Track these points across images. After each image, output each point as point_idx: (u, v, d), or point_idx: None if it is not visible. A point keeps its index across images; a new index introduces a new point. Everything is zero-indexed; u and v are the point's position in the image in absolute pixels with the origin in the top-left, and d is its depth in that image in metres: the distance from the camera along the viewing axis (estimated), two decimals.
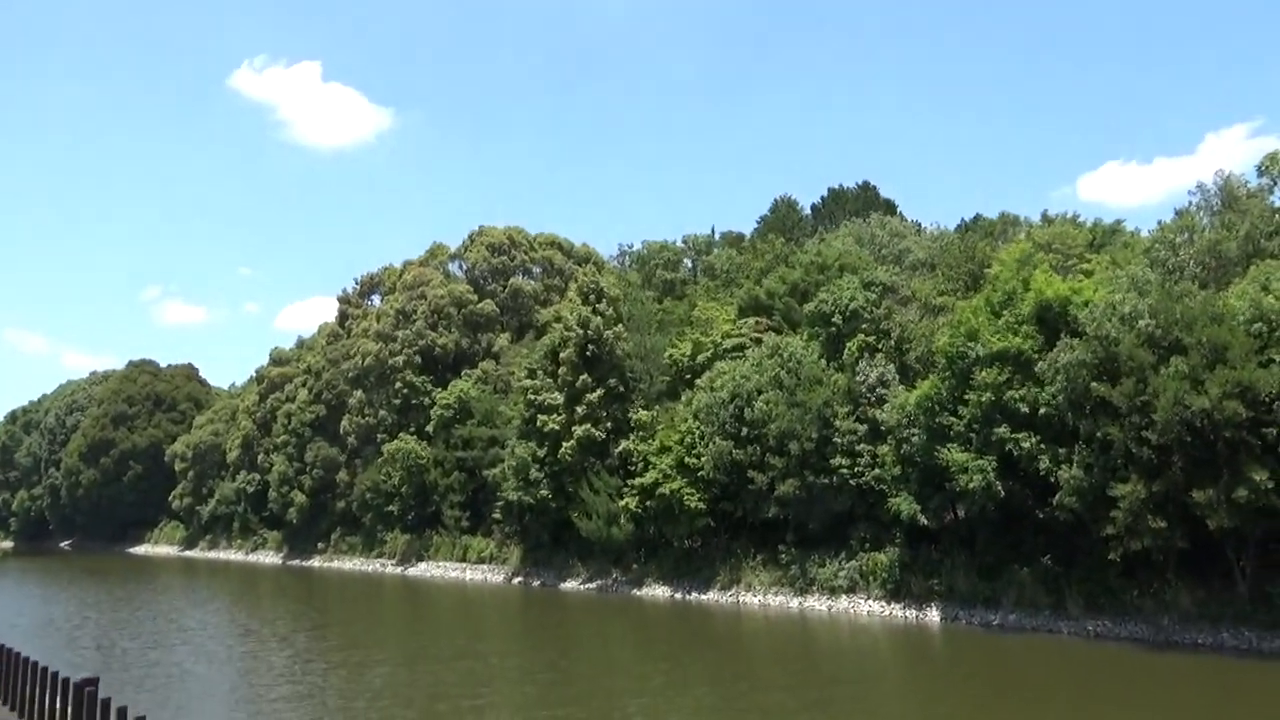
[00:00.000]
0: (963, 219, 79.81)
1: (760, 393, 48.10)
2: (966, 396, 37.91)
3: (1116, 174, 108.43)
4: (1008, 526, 40.56)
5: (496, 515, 64.82)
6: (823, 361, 48.67)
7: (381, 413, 76.97)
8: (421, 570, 68.55)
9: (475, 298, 79.36)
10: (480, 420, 69.02)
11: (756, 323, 54.88)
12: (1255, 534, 32.98)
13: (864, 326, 48.59)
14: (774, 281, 56.82)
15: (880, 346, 47.60)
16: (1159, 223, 41.94)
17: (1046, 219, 62.56)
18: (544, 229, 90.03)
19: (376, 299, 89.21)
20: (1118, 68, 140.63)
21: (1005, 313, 38.36)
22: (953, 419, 38.92)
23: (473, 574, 64.58)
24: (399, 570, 71.28)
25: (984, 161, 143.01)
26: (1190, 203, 40.54)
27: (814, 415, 45.88)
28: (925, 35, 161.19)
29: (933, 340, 44.16)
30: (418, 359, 75.84)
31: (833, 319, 49.88)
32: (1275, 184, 37.84)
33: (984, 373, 37.18)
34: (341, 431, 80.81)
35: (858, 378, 46.45)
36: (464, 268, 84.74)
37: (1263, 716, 25.40)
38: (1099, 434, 33.68)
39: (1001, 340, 37.24)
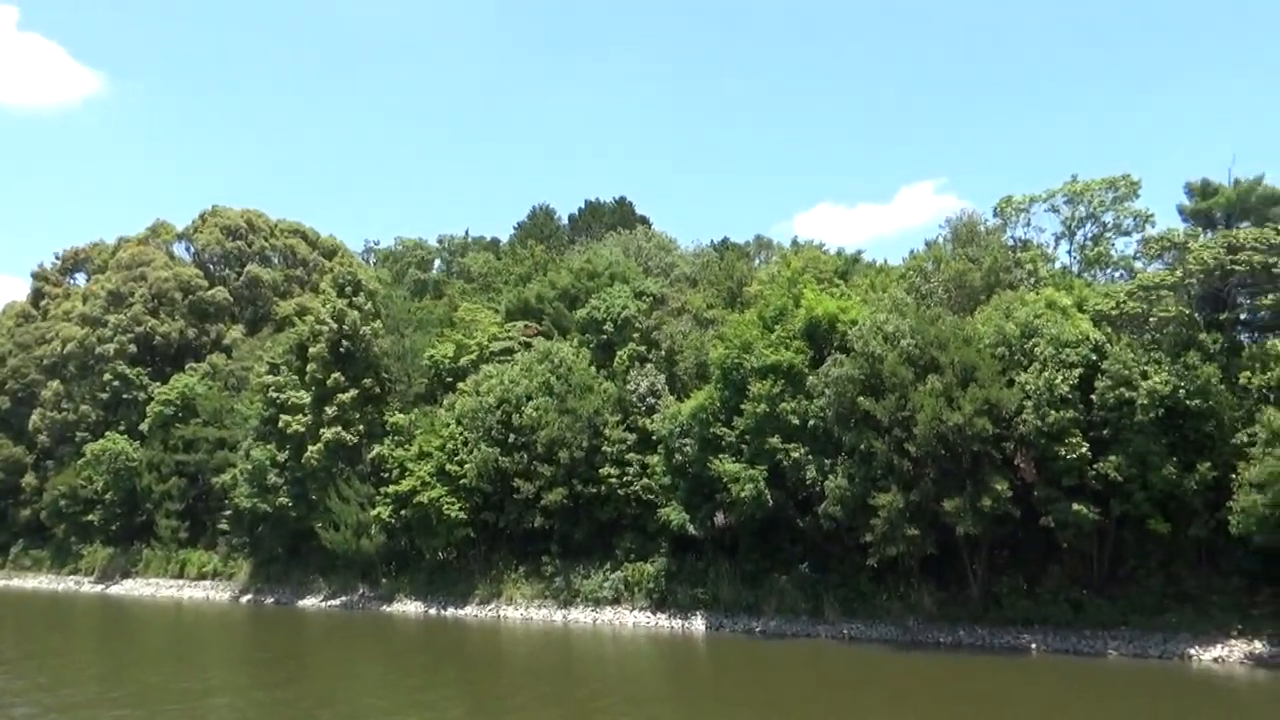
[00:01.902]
0: (711, 240, 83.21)
1: (530, 398, 46.62)
2: (741, 407, 38.60)
3: (827, 214, 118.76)
4: (768, 535, 41.81)
5: (223, 526, 58.40)
6: (593, 369, 48.07)
7: (84, 407, 67.12)
8: (127, 588, 60.23)
9: (205, 283, 71.51)
10: (207, 420, 61.99)
11: (526, 327, 53.34)
12: (987, 540, 36.04)
13: (635, 336, 48.56)
14: (543, 286, 55.58)
15: (651, 356, 47.69)
16: (911, 251, 45.67)
17: (796, 245, 65.97)
18: (284, 217, 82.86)
19: (81, 278, 78.11)
20: (831, 115, 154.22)
21: (777, 328, 39.54)
22: (725, 430, 39.52)
23: (192, 592, 57.58)
24: (98, 589, 62.25)
25: (718, 189, 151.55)
26: (939, 235, 44.44)
27: (584, 423, 45.08)
28: (676, 63, 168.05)
29: (703, 352, 44.78)
30: (132, 348, 66.93)
31: (604, 326, 49.47)
32: (1007, 224, 42.31)
33: (758, 385, 38.05)
34: (30, 428, 69.67)
35: (628, 386, 46.23)
36: (192, 250, 76.18)
37: (992, 706, 27.34)
38: (863, 446, 35.40)
39: (775, 354, 38.33)
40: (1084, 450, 32.18)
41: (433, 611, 47.78)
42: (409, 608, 48.76)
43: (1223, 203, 35.05)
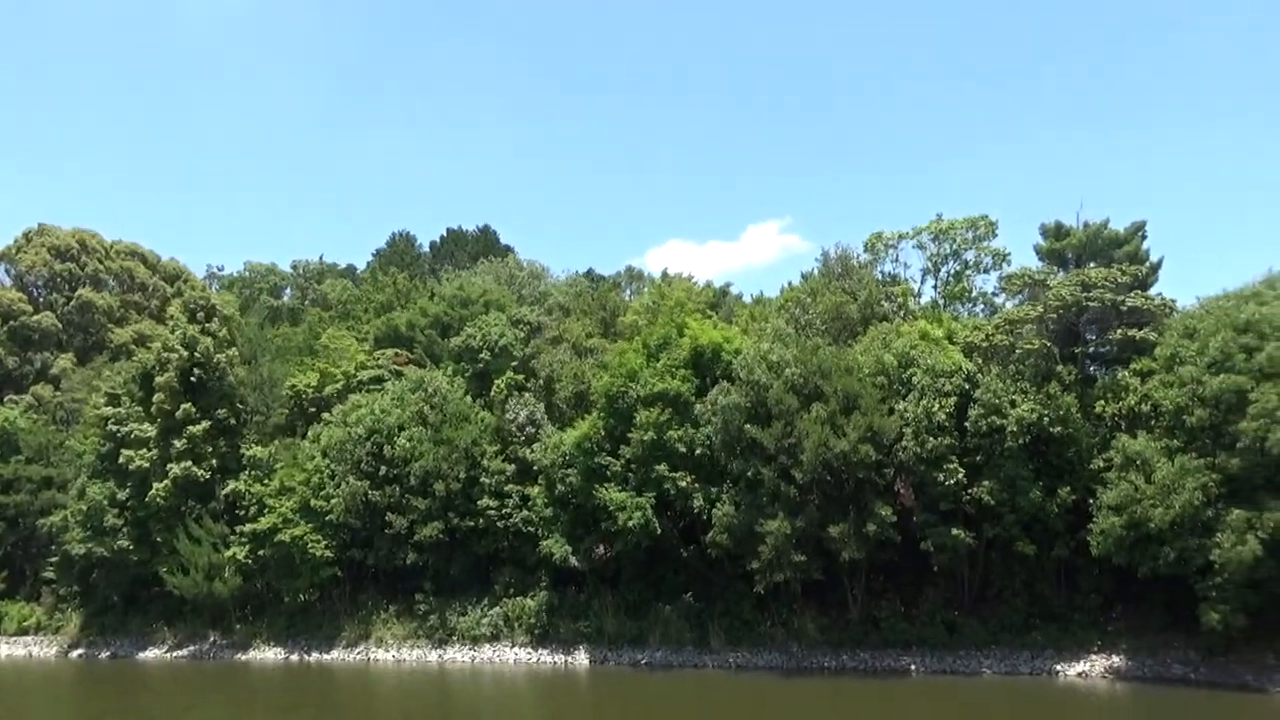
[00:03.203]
0: (576, 270, 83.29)
1: (402, 429, 44.75)
2: (628, 435, 38.31)
3: (678, 250, 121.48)
4: (652, 565, 41.52)
5: (49, 574, 52.85)
6: (469, 398, 46.71)
7: None
8: None
9: (29, 308, 65.37)
10: (30, 457, 56.24)
11: (396, 354, 51.36)
12: (866, 565, 37.01)
13: (512, 364, 47.62)
14: (414, 313, 53.80)
15: (529, 385, 46.87)
16: (789, 283, 46.88)
17: (666, 277, 66.73)
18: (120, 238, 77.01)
19: None
20: (680, 154, 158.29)
21: (663, 356, 39.61)
22: (610, 459, 39.11)
23: (9, 649, 51.72)
24: None
25: (575, 223, 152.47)
26: (814, 269, 45.83)
27: (461, 454, 43.60)
28: (533, 95, 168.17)
29: (583, 381, 44.33)
30: None
31: (480, 355, 48.26)
32: (877, 259, 44.18)
33: (645, 413, 37.90)
34: None
35: (507, 416, 45.17)
36: (14, 273, 69.57)
37: None
38: (750, 473, 35.76)
39: (661, 382, 38.33)
40: (960, 476, 33.63)
41: (294, 657, 44.74)
42: (267, 654, 45.46)
43: (1074, 244, 37.79)
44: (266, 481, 46.62)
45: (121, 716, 33.67)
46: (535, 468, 43.02)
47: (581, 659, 40.04)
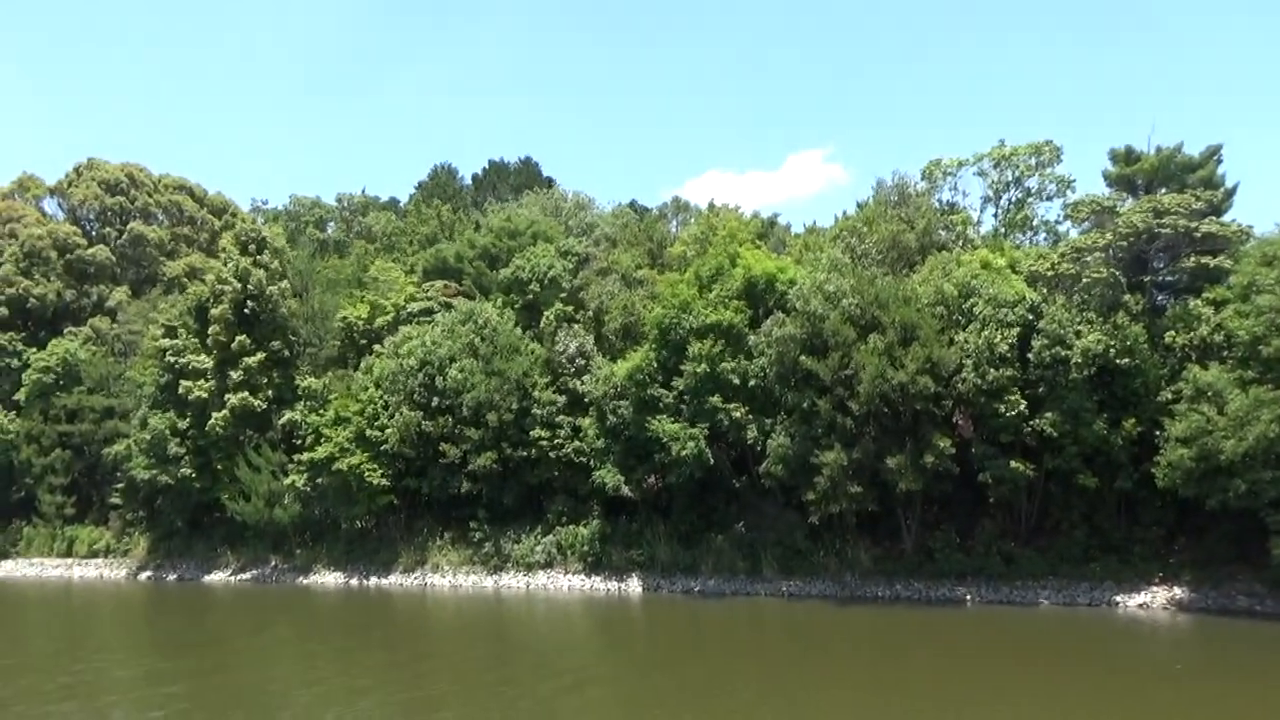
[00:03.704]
0: (620, 202, 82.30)
1: (453, 360, 44.96)
2: (681, 367, 38.13)
3: (717, 181, 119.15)
4: (703, 496, 41.76)
5: (115, 500, 54.55)
6: (519, 330, 46.72)
7: None
8: (7, 570, 55.75)
9: (83, 242, 66.18)
10: (92, 387, 57.67)
11: (445, 287, 51.38)
12: (921, 496, 36.79)
13: (561, 296, 47.41)
14: (463, 245, 53.61)
15: (578, 317, 46.69)
16: (843, 212, 45.89)
17: (713, 208, 65.64)
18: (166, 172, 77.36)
19: None
20: (720, 81, 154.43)
21: (715, 287, 39.12)
22: (663, 391, 39.01)
23: (83, 571, 53.78)
24: None
25: (610, 154, 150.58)
26: (869, 197, 44.75)
27: (513, 385, 43.80)
28: (569, 29, 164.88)
29: (632, 312, 44.03)
30: (3, 311, 61.51)
31: (529, 287, 48.11)
32: (934, 188, 42.97)
33: (697, 344, 37.61)
34: None
35: (556, 348, 45.17)
36: (66, 206, 70.34)
37: (933, 655, 27.88)
38: (805, 405, 35.47)
39: (714, 313, 37.93)
40: (1021, 408, 33.05)
41: (354, 582, 45.95)
42: (327, 579, 46.75)
43: (1145, 169, 36.29)
44: (321, 412, 47.35)
45: (200, 634, 34.82)
46: (586, 399, 43.10)
47: (634, 586, 40.59)
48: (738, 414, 37.14)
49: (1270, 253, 30.59)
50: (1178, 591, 32.98)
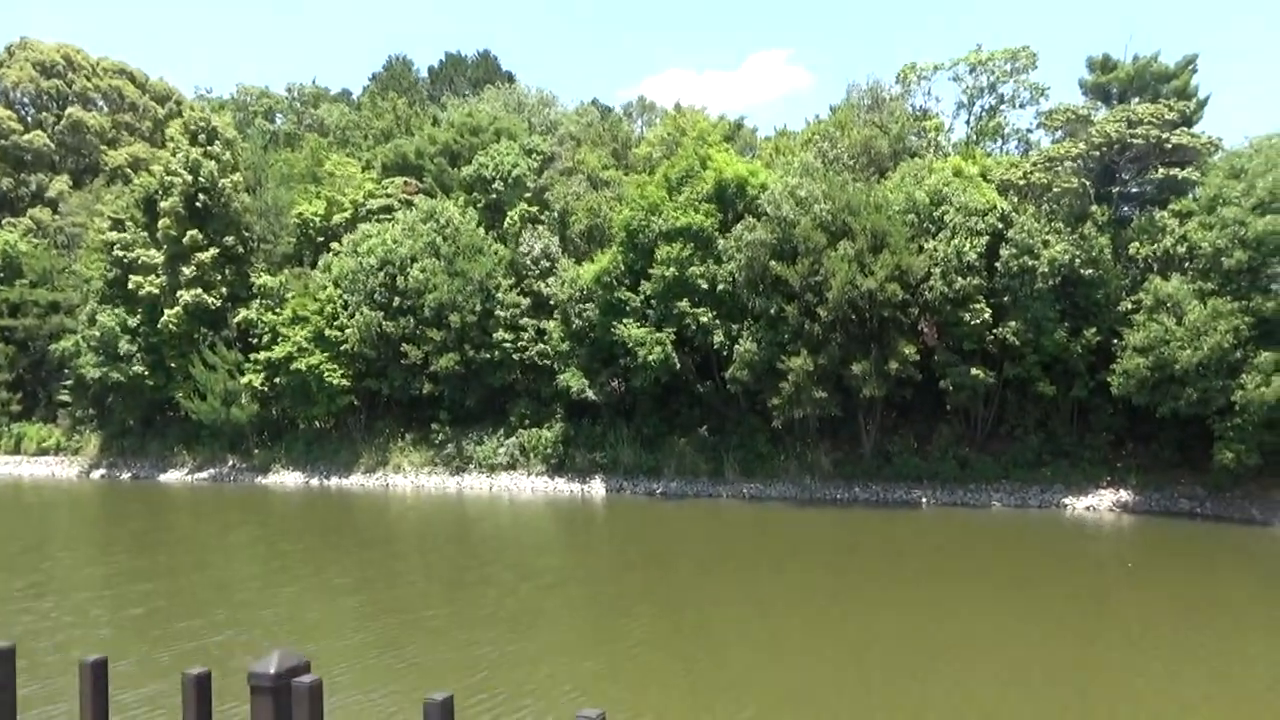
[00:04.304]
0: (582, 100, 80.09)
1: (415, 260, 44.04)
2: (649, 271, 37.81)
3: (676, 79, 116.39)
4: (667, 400, 42.01)
5: (64, 397, 53.41)
6: (482, 230, 45.81)
7: None
8: None
9: (19, 127, 63.00)
10: (35, 281, 55.77)
11: (405, 183, 49.93)
12: (880, 403, 37.39)
13: (526, 196, 46.42)
14: (423, 141, 51.93)
15: (543, 218, 45.86)
16: (815, 117, 45.16)
17: (679, 109, 64.25)
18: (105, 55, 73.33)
19: None
20: None
21: (685, 190, 38.54)
22: (630, 294, 38.73)
23: (32, 469, 52.89)
24: None
25: (564, 50, 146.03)
26: (842, 101, 43.99)
27: (476, 286, 43.18)
28: None
29: (599, 214, 43.35)
30: None
31: (493, 185, 46.99)
32: (908, 92, 42.38)
33: (666, 248, 37.23)
34: None
35: (521, 248, 44.47)
36: None
37: (888, 552, 28.75)
38: (773, 310, 35.50)
39: (684, 216, 37.46)
40: (986, 316, 33.44)
41: (314, 482, 45.82)
42: (286, 478, 46.55)
43: (1120, 78, 36.09)
44: (278, 311, 46.36)
45: (166, 533, 34.54)
46: (551, 302, 42.71)
47: (598, 487, 41.04)
48: (705, 319, 37.09)
49: (1238, 165, 30.83)
50: (1124, 494, 34.22)
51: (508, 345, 42.99)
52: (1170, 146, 33.06)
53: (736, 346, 36.40)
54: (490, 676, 16.20)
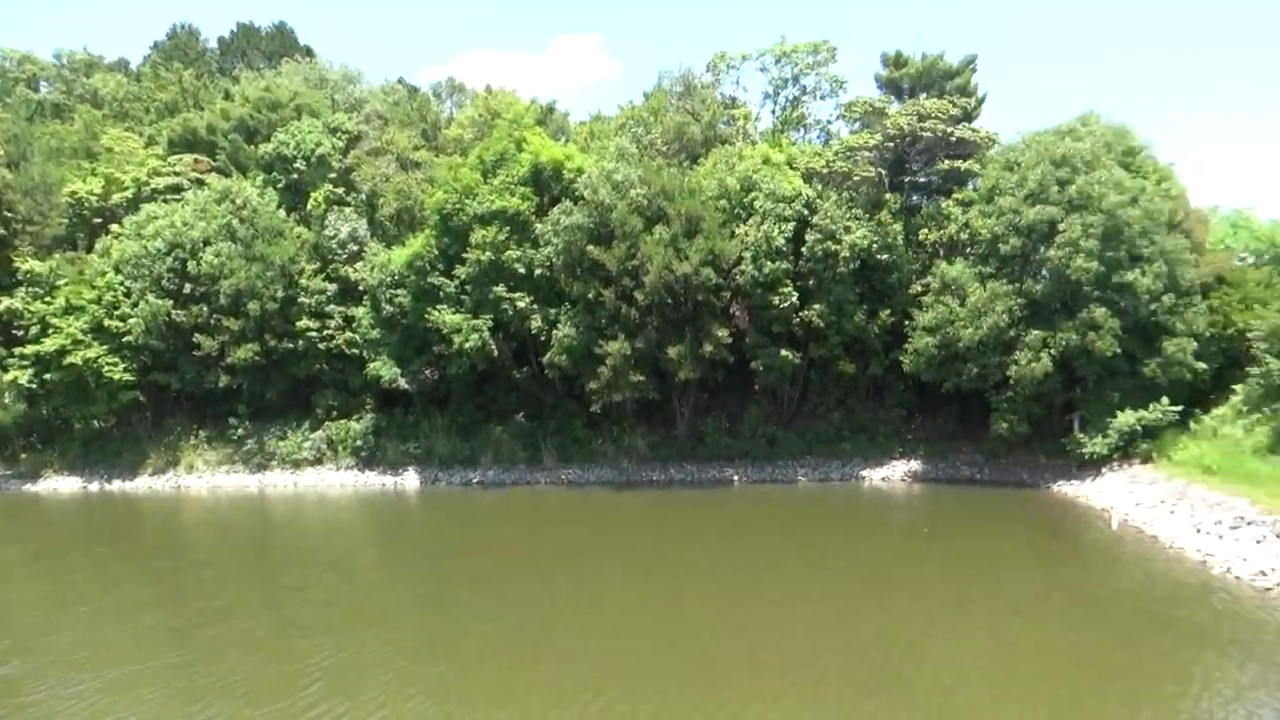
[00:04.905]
0: (387, 78, 77.15)
1: (208, 243, 41.00)
2: (463, 255, 36.90)
3: (482, 60, 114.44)
4: (483, 387, 41.28)
5: None
6: (283, 212, 43.23)
7: None
8: None
9: None
10: None
11: (196, 161, 46.29)
12: (694, 385, 38.32)
13: (330, 176, 44.15)
14: (215, 116, 48.29)
15: (350, 200, 43.82)
16: (630, 103, 45.34)
17: (490, 90, 63.22)
18: None
19: None
20: None
21: (500, 172, 37.86)
22: (444, 279, 37.69)
23: None
24: None
25: (374, 21, 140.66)
26: (655, 87, 44.48)
27: (277, 272, 40.77)
28: None
29: (410, 196, 41.95)
30: None
31: (294, 164, 44.36)
32: (719, 81, 43.43)
33: (482, 231, 36.48)
34: None
35: (326, 232, 42.35)
36: None
37: (703, 525, 29.60)
38: (590, 295, 35.53)
39: (500, 199, 36.80)
40: (793, 299, 34.85)
41: (93, 487, 41.86)
42: (61, 484, 42.27)
43: (911, 74, 38.53)
44: (48, 300, 41.88)
45: None
46: (360, 287, 40.99)
47: (411, 480, 39.79)
48: (522, 304, 36.65)
49: (1011, 158, 33.62)
50: (914, 464, 36.71)
51: (313, 334, 40.91)
52: (954, 140, 35.65)
53: (554, 332, 36.21)
54: (329, 688, 15.27)
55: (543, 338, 37.06)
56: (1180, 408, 30.20)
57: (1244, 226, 46.06)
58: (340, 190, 43.79)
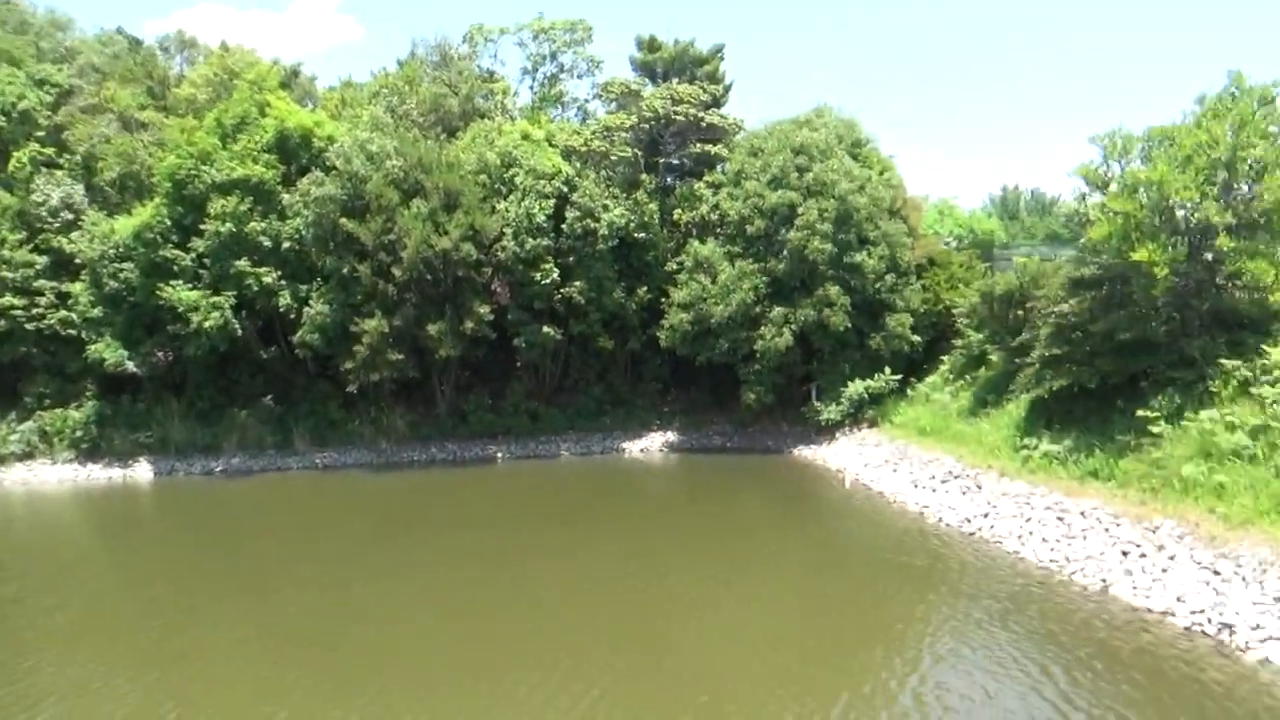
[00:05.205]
0: (102, 28, 69.42)
1: None
2: (201, 227, 34.09)
3: (213, 14, 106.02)
4: (225, 369, 38.54)
5: None
6: None
7: None
8: None
9: None
10: None
11: None
12: (454, 362, 37.86)
13: (38, 135, 39.18)
14: None
15: (63, 162, 39.13)
16: (383, 69, 43.42)
17: (226, 47, 58.63)
18: None
19: None
20: None
21: (242, 137, 35.28)
22: (179, 252, 34.68)
23: None
24: None
25: None
26: (410, 56, 42.89)
27: None
28: None
29: (135, 160, 38.13)
30: None
31: None
32: (476, 54, 42.65)
33: (221, 201, 33.88)
34: None
35: (34, 197, 37.64)
36: None
37: (465, 503, 29.53)
38: (345, 270, 34.05)
39: (242, 167, 34.30)
40: (554, 276, 35.21)
41: None
42: None
43: (665, 58, 39.86)
44: None
45: None
46: (77, 260, 36.81)
47: (144, 471, 36.45)
48: (269, 279, 34.46)
49: (756, 145, 35.75)
50: (670, 435, 38.41)
51: (18, 313, 36.40)
52: (705, 125, 37.37)
53: (306, 309, 34.40)
54: (66, 707, 13.68)
55: (292, 315, 35.08)
56: (900, 377, 33.60)
57: (949, 215, 51.93)
58: (50, 151, 38.97)
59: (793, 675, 13.44)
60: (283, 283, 34.83)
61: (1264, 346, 19.39)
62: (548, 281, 34.96)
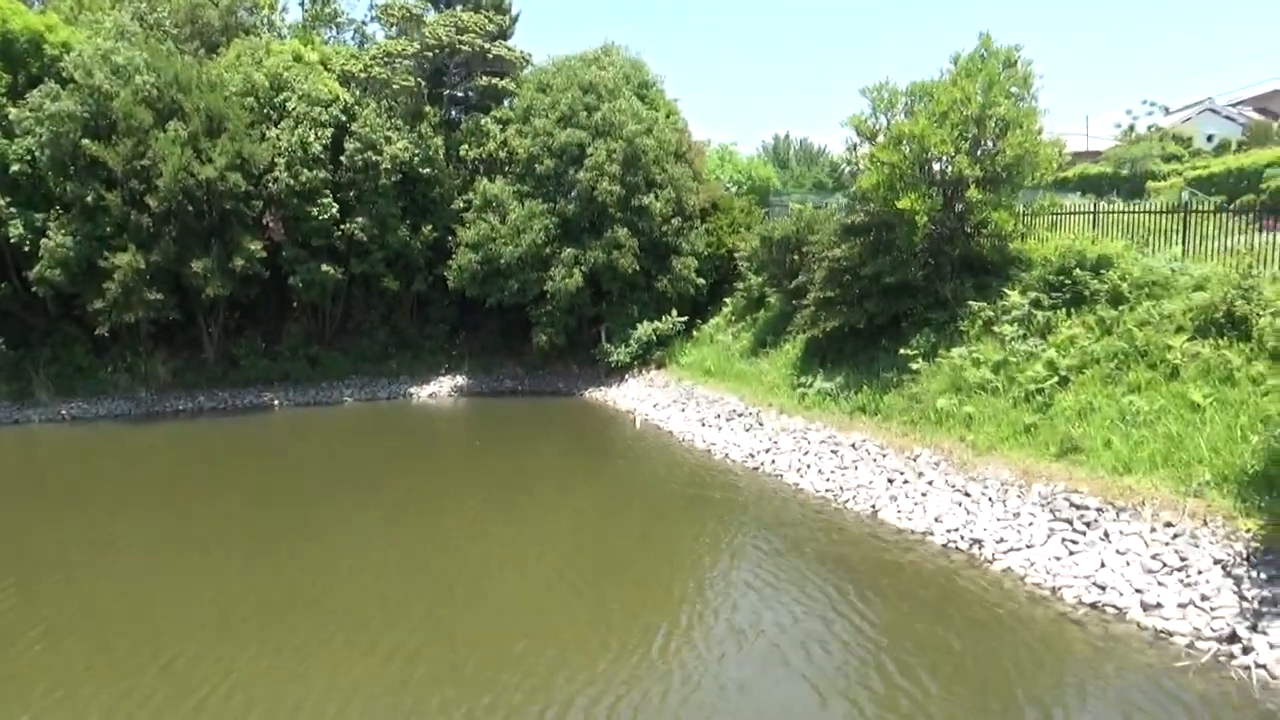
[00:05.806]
0: None
1: None
2: None
3: None
4: None
5: None
6: None
7: None
8: None
9: None
10: None
11: None
12: (223, 303, 35.20)
13: None
14: None
15: None
16: None
17: None
18: None
19: None
20: None
21: None
22: None
23: None
24: None
25: None
26: None
27: None
28: None
29: None
30: None
31: None
32: None
33: None
34: None
35: None
36: None
37: (235, 454, 27.94)
38: (89, 198, 30.51)
39: None
40: (334, 211, 33.29)
41: None
42: None
43: None
44: None
45: None
46: None
47: None
48: None
49: (544, 80, 35.14)
50: (459, 379, 37.77)
51: None
52: (491, 56, 36.25)
53: (44, 241, 30.57)
54: None
55: (26, 248, 31.10)
56: (685, 319, 34.67)
57: (729, 160, 53.66)
58: None
59: (609, 612, 13.73)
60: (13, 210, 30.73)
61: (1004, 289, 21.53)
62: (326, 217, 33.00)
